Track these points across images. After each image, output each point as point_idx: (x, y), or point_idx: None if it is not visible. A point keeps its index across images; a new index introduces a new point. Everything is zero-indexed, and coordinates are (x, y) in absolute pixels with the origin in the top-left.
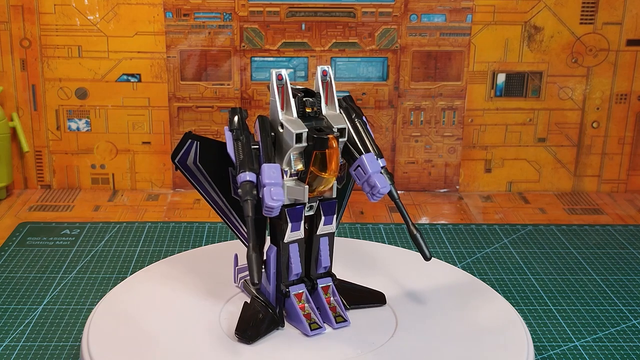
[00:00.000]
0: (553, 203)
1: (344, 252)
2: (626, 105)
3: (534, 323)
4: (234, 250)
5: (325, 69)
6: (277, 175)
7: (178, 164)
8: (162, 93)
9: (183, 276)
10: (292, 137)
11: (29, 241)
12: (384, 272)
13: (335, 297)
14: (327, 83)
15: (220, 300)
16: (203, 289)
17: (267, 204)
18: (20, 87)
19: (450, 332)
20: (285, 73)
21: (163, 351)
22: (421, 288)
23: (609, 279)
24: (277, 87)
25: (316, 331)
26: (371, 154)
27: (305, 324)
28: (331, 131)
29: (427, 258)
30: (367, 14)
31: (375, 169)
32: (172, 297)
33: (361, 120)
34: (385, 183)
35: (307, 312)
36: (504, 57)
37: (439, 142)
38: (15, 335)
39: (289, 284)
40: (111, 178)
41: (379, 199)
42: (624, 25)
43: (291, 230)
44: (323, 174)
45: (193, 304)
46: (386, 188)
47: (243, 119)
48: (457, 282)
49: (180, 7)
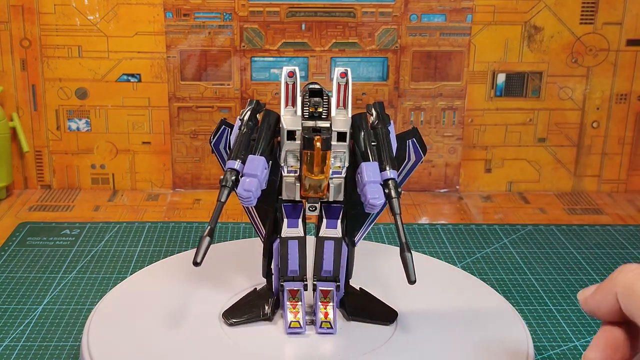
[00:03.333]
0: (553, 203)
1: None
2: (626, 105)
3: (534, 323)
4: (234, 250)
5: (343, 71)
6: (258, 167)
7: (213, 147)
8: (162, 93)
9: (183, 276)
10: (284, 134)
11: (29, 241)
12: (384, 272)
13: (332, 303)
14: (345, 85)
15: (220, 300)
16: (203, 289)
17: (238, 193)
18: (20, 87)
19: (450, 332)
20: (297, 70)
21: (163, 351)
22: (421, 288)
23: None
24: (287, 84)
25: (294, 330)
26: (372, 162)
27: (286, 321)
28: (327, 133)
29: (411, 282)
30: (367, 14)
31: (372, 179)
32: (172, 297)
33: (385, 128)
34: (377, 194)
35: (296, 310)
36: (504, 57)
37: (439, 142)
38: (15, 335)
39: (287, 279)
40: (111, 178)
41: (371, 210)
42: (624, 25)
43: (288, 226)
44: (310, 174)
45: (193, 304)
46: (376, 200)
47: (254, 111)
48: (457, 282)
49: (180, 7)
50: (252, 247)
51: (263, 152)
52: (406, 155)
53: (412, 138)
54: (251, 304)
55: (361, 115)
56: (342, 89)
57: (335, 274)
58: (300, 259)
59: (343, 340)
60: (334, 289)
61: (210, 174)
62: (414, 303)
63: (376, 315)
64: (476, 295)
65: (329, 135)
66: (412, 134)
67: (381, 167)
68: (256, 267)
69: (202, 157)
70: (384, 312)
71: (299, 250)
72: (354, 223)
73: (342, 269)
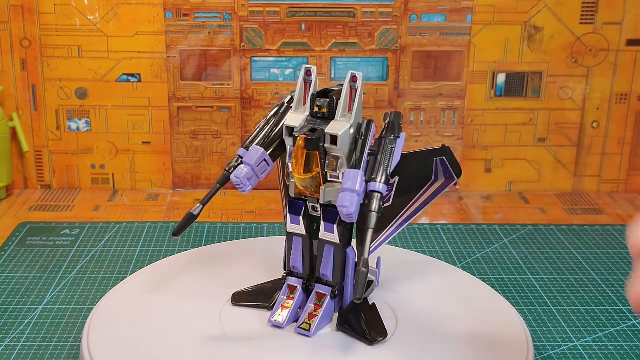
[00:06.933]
0: (553, 203)
1: None
2: (626, 105)
3: (534, 323)
4: (234, 250)
5: (355, 74)
6: (254, 157)
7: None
8: (162, 93)
9: (183, 276)
10: (284, 129)
11: (29, 241)
12: (384, 272)
13: (323, 307)
14: (355, 90)
15: (220, 300)
16: (203, 289)
17: (230, 179)
18: (20, 87)
19: (450, 332)
20: (314, 70)
21: (163, 351)
22: (421, 288)
23: (609, 279)
24: (304, 82)
25: (275, 322)
26: (356, 171)
27: (273, 312)
28: (319, 134)
29: (357, 299)
30: (367, 14)
31: (349, 187)
32: (172, 297)
33: (391, 139)
34: (348, 203)
35: (289, 305)
36: (504, 57)
37: (439, 142)
38: (15, 335)
39: (291, 274)
40: (111, 178)
41: (345, 220)
42: (624, 25)
43: (290, 222)
44: (295, 172)
45: (193, 304)
46: (346, 209)
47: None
48: (457, 282)
49: (180, 7)
50: (253, 247)
51: (263, 143)
52: (432, 174)
53: (441, 157)
54: (262, 291)
55: (369, 122)
56: (353, 93)
57: (335, 280)
58: (303, 257)
59: (343, 340)
60: (329, 294)
61: (210, 174)
62: (414, 303)
63: (362, 331)
64: (476, 295)
65: (317, 136)
66: (442, 153)
67: (371, 178)
68: (256, 267)
69: (202, 157)
70: (376, 329)
71: (302, 248)
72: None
73: (348, 278)
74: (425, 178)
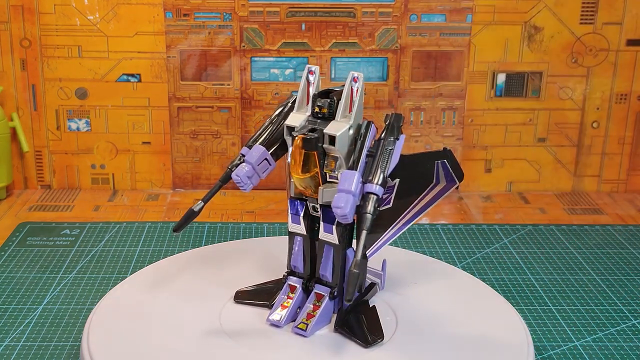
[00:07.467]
0: (553, 203)
1: None
2: (626, 105)
3: (534, 323)
4: (234, 250)
5: (356, 75)
6: (255, 156)
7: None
8: (162, 93)
9: (183, 276)
10: (284, 129)
11: (29, 241)
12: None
13: (321, 308)
14: (356, 91)
15: (220, 300)
16: (203, 289)
17: (231, 177)
18: (20, 87)
19: (450, 332)
20: (317, 70)
21: (163, 351)
22: (421, 288)
23: (609, 279)
24: (307, 82)
25: (273, 321)
26: (353, 172)
27: (272, 312)
28: (317, 134)
29: (347, 300)
30: (367, 14)
31: (345, 188)
32: (172, 297)
33: (390, 140)
34: (343, 205)
35: (288, 304)
36: (504, 57)
37: (439, 142)
38: (15, 335)
39: (295, 273)
40: (111, 178)
41: (340, 220)
42: (624, 25)
43: (291, 221)
44: (293, 172)
45: (193, 303)
46: (341, 210)
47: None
48: (457, 282)
49: (180, 7)
50: (253, 247)
51: (263, 142)
52: (433, 178)
53: (442, 160)
54: (264, 290)
55: (369, 123)
56: (354, 93)
57: (335, 281)
58: (304, 257)
59: (343, 340)
60: (327, 294)
61: (210, 174)
62: (414, 303)
63: (359, 333)
64: (476, 295)
65: (315, 136)
66: (443, 156)
67: (368, 180)
68: (256, 267)
69: (202, 157)
70: (373, 330)
71: (303, 248)
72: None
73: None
74: (427, 181)
